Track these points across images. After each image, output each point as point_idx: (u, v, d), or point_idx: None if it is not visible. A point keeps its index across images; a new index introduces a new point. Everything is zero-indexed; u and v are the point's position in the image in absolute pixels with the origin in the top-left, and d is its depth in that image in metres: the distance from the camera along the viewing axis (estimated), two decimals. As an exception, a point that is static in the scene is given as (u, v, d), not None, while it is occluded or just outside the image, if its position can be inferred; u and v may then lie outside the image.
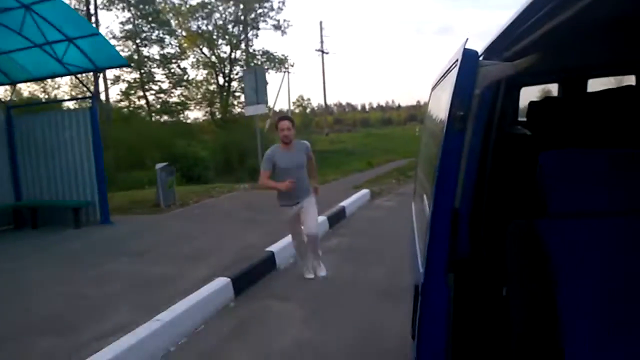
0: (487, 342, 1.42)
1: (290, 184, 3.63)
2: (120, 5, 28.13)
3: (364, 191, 8.19)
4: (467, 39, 1.19)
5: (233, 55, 32.94)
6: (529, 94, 2.78)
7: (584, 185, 1.11)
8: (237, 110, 31.67)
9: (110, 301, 3.51)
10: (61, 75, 7.06)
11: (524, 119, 2.25)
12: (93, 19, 25.46)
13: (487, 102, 1.47)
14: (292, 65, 35.12)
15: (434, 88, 2.25)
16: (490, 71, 1.24)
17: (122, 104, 28.53)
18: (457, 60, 1.21)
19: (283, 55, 31.53)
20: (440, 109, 1.57)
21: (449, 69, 1.53)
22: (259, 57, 32.82)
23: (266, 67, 31.33)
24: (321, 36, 34.23)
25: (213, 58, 32.53)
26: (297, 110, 38.24)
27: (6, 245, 5.77)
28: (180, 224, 6.39)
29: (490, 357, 1.43)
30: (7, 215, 6.77)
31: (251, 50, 33.05)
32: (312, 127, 35.75)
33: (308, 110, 38.97)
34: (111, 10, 28.04)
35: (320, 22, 34.43)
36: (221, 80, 32.10)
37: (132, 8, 28.71)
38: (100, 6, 27.11)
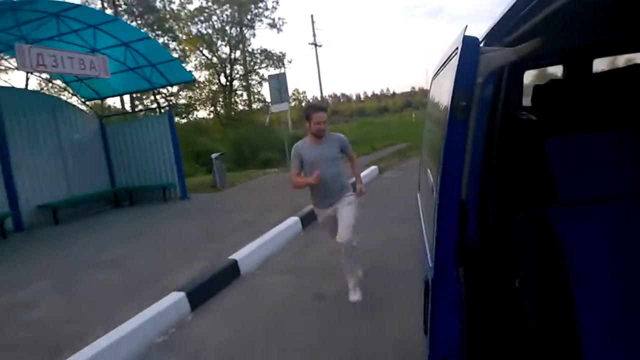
0: (501, 336, 1.40)
1: (318, 176, 3.19)
2: (126, 16, 30.08)
3: (373, 167, 10.46)
4: (467, 26, 1.15)
5: (233, 55, 34.85)
6: (533, 77, 2.78)
7: (593, 170, 1.08)
8: (240, 107, 33.56)
9: (226, 232, 5.77)
10: (145, 91, 9.32)
11: (529, 105, 2.25)
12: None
13: (490, 90, 1.44)
14: (290, 62, 36.89)
15: (434, 77, 2.22)
16: (492, 58, 1.17)
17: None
18: (457, 49, 1.16)
19: (281, 52, 33.33)
20: (442, 99, 1.52)
21: (449, 57, 1.46)
22: (257, 55, 34.76)
23: (265, 65, 33.25)
24: (313, 29, 35.38)
25: (214, 59, 34.42)
26: (293, 104, 39.93)
27: (124, 215, 8.09)
28: (240, 195, 8.70)
29: (505, 351, 1.41)
30: (106, 198, 9.07)
31: (250, 50, 35.01)
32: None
33: (303, 103, 40.48)
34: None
35: (312, 16, 35.96)
36: (223, 80, 34.02)
37: (137, 18, 30.66)
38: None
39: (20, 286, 4.36)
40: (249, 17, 34.14)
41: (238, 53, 34.20)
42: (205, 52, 33.66)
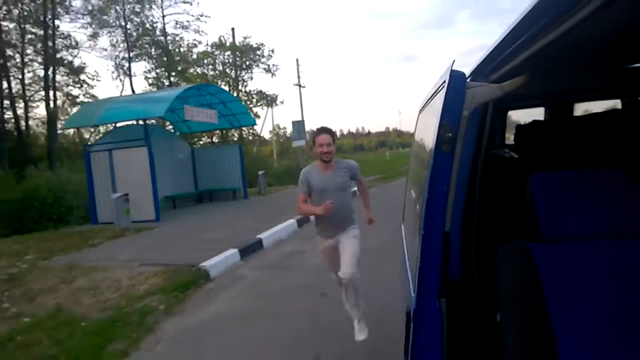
0: None
1: (330, 206, 3.03)
2: (146, 57, 35.31)
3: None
4: (454, 61, 1.19)
5: (234, 93, 40.49)
6: (516, 118, 2.87)
7: (575, 207, 1.09)
8: (235, 138, 38.82)
9: (273, 217, 10.90)
10: (226, 129, 14.75)
11: (512, 143, 2.32)
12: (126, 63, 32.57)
13: (476, 123, 1.49)
14: (282, 102, 42.31)
15: (421, 111, 2.24)
16: (478, 92, 1.22)
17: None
18: (444, 82, 1.21)
19: (273, 94, 38.93)
20: (428, 131, 1.52)
21: (436, 91, 1.50)
22: (254, 95, 40.42)
23: (260, 104, 38.65)
24: (298, 72, 39.19)
25: (215, 97, 39.86)
26: (275, 139, 44.58)
27: (209, 206, 13.25)
28: (280, 198, 14.03)
29: None
30: (191, 197, 14.20)
31: (247, 90, 40.66)
32: (289, 153, 41.47)
33: (282, 139, 44.76)
34: (138, 61, 35.07)
35: (297, 60, 40.71)
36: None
37: (152, 59, 35.91)
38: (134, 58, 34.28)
39: (202, 224, 9.58)
40: (247, 62, 39.96)
41: (236, 93, 39.73)
42: (208, 90, 39.17)
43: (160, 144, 12.44)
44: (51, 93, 24.29)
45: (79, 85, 27.75)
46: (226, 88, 40.14)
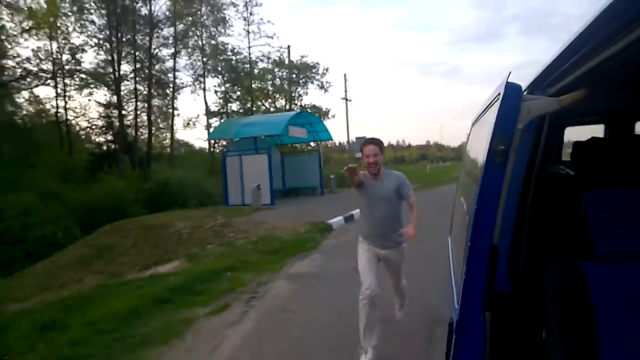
0: None
1: (352, 171, 3.14)
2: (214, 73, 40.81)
3: (410, 189, 20.57)
4: (510, 72, 1.18)
5: (288, 106, 45.52)
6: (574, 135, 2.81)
7: (630, 227, 1.07)
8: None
9: (349, 206, 15.57)
10: (307, 141, 19.65)
11: (569, 159, 2.31)
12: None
13: (530, 137, 1.47)
14: (334, 116, 46.92)
15: (474, 123, 2.26)
16: (533, 105, 1.19)
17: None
18: (499, 94, 1.21)
19: (326, 108, 43.54)
20: (480, 143, 1.53)
21: (490, 103, 1.51)
22: (309, 109, 45.31)
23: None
24: (345, 86, 41.74)
25: (272, 109, 45.10)
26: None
27: (295, 200, 18.05)
28: (349, 195, 18.66)
29: None
30: (280, 192, 19.07)
31: (302, 104, 45.68)
32: (332, 163, 45.27)
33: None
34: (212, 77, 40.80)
35: (345, 75, 44.65)
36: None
37: (222, 75, 41.53)
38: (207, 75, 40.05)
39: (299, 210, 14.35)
40: (303, 79, 45.00)
41: (294, 106, 44.72)
42: (267, 103, 44.49)
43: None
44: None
45: (161, 98, 33.42)
46: (282, 102, 45.63)
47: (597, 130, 2.92)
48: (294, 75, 44.74)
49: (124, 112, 28.37)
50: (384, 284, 3.70)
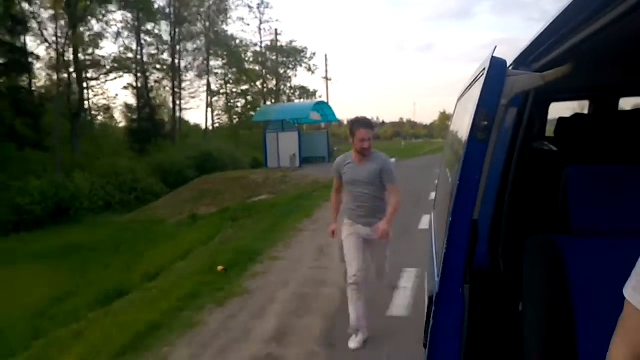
0: (499, 358, 1.44)
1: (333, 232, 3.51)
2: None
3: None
4: (496, 47, 1.20)
5: (278, 87, 51.30)
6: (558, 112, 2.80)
7: (610, 202, 1.09)
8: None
9: None
10: (320, 122, 26.46)
11: (552, 136, 2.33)
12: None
13: (514, 113, 1.50)
14: (320, 97, 52.64)
15: (459, 99, 2.29)
16: (518, 81, 1.21)
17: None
18: (484, 69, 1.22)
19: (314, 89, 49.64)
20: (464, 119, 1.58)
21: (475, 78, 1.54)
22: (297, 90, 51.36)
23: (301, 99, 49.06)
24: (326, 66, 46.63)
25: (265, 90, 50.85)
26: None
27: (311, 165, 24.88)
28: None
29: None
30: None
31: (291, 85, 51.57)
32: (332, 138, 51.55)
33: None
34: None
35: (326, 55, 49.25)
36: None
37: (220, 58, 46.69)
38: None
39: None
40: (293, 63, 50.60)
41: (283, 87, 50.46)
42: (258, 84, 50.08)
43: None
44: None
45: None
46: (274, 82, 51.42)
47: (582, 107, 3.03)
48: (284, 59, 50.33)
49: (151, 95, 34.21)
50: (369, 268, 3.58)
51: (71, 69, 27.01)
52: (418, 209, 8.93)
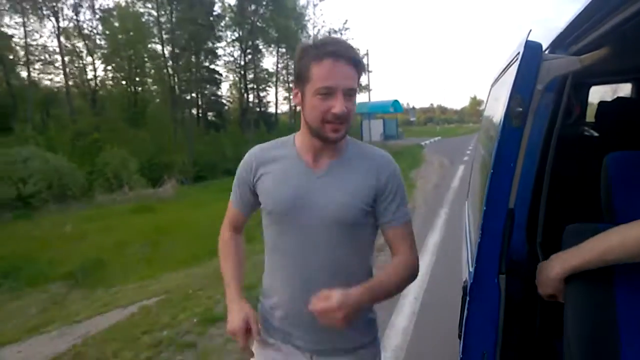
0: (535, 349, 1.41)
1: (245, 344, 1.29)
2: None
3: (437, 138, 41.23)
4: (530, 30, 1.18)
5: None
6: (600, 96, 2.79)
7: None
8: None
9: (419, 142, 36.30)
10: (384, 112, 40.46)
11: (592, 121, 2.29)
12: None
13: (551, 99, 1.47)
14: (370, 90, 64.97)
15: (494, 83, 2.27)
16: (554, 65, 1.17)
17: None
18: (518, 53, 1.20)
19: (365, 83, 61.10)
20: (498, 105, 1.53)
21: (509, 63, 1.50)
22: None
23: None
24: (367, 61, 50.05)
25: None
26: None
27: (391, 140, 38.83)
28: (415, 140, 39.56)
29: None
30: (375, 138, 39.77)
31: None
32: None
33: None
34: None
35: (367, 51, 57.16)
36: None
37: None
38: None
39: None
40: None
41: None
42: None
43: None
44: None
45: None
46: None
47: (625, 90, 2.94)
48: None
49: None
50: None
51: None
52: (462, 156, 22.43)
